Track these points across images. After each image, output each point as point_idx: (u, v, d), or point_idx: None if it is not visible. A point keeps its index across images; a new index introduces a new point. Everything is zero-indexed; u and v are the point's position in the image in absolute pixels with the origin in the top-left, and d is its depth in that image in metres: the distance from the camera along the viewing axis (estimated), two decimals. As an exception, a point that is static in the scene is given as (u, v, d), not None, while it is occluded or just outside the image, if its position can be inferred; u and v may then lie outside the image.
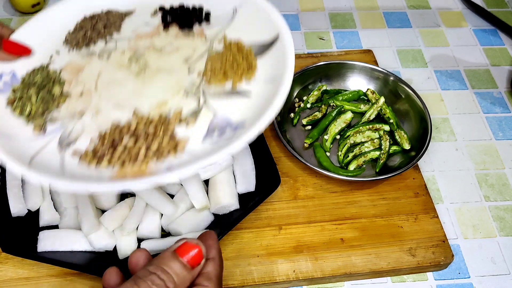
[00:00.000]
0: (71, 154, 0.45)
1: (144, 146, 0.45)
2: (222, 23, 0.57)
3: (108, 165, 0.43)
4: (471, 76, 0.75)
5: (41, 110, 0.49)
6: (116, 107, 0.49)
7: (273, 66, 0.50)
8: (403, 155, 0.61)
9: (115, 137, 0.46)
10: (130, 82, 0.52)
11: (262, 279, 0.52)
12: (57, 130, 0.48)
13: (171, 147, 0.45)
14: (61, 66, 0.54)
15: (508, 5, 0.87)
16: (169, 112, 0.48)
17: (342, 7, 0.85)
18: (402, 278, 0.55)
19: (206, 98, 0.49)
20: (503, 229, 0.58)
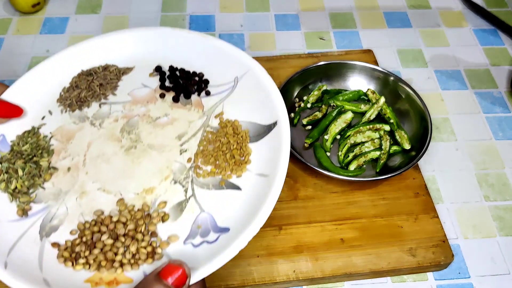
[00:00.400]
0: (50, 245, 0.45)
1: (122, 248, 0.44)
2: (221, 94, 0.55)
3: (84, 266, 0.43)
4: (471, 76, 0.75)
5: (26, 186, 0.48)
6: (102, 189, 0.48)
7: (267, 155, 0.48)
8: (403, 155, 0.61)
9: (94, 235, 0.45)
10: (119, 159, 0.50)
11: (262, 279, 0.52)
12: (40, 211, 0.47)
13: (149, 254, 0.43)
14: (52, 130, 0.53)
15: (508, 5, 0.87)
16: (155, 202, 0.47)
17: (342, 7, 0.85)
18: (402, 278, 0.55)
19: (193, 190, 0.48)
20: (503, 229, 0.58)
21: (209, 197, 0.47)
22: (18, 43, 0.76)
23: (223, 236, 0.44)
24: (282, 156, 0.46)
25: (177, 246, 0.44)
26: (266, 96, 0.52)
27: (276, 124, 0.49)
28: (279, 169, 0.45)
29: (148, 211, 0.46)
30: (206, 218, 0.46)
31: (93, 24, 0.80)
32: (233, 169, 0.48)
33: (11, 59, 0.74)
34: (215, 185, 0.48)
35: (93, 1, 0.84)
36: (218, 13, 0.83)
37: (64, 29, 0.79)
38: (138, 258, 0.43)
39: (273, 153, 0.47)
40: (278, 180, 0.45)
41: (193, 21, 0.81)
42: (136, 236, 0.44)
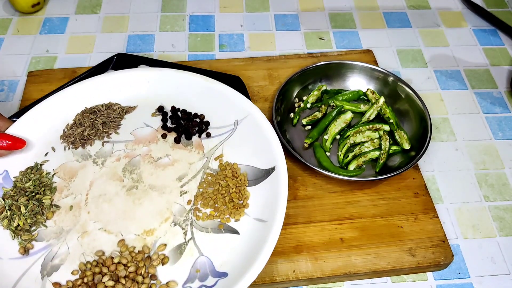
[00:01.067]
0: (52, 285, 0.45)
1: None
2: (221, 136, 0.56)
3: None
4: (471, 76, 0.75)
5: (29, 224, 0.49)
6: (103, 230, 0.49)
7: (265, 200, 0.49)
8: (403, 155, 0.61)
9: (96, 276, 0.45)
10: (120, 200, 0.51)
11: (262, 279, 0.52)
12: (42, 250, 0.47)
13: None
14: (54, 167, 0.53)
15: (508, 5, 0.87)
16: (155, 244, 0.48)
17: (342, 7, 0.85)
18: (402, 278, 0.55)
19: (193, 233, 0.48)
20: (503, 229, 0.58)
21: (208, 241, 0.48)
22: (18, 43, 0.76)
23: (221, 281, 0.44)
24: (280, 202, 0.47)
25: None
26: (265, 141, 0.53)
27: (274, 169, 0.51)
28: (277, 216, 0.46)
29: (149, 253, 0.47)
30: (204, 262, 0.46)
31: (93, 24, 0.80)
32: (231, 212, 0.50)
33: (11, 59, 0.74)
34: (214, 228, 0.49)
35: (93, 1, 0.84)
36: (218, 13, 0.83)
37: (64, 29, 0.79)
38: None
39: (271, 199, 0.49)
40: (276, 227, 0.46)
41: (193, 21, 0.81)
42: (136, 279, 0.45)
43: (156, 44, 0.77)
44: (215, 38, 0.78)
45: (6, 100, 0.68)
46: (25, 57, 0.74)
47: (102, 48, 0.76)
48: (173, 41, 0.77)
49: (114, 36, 0.78)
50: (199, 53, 0.76)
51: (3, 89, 0.70)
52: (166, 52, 0.76)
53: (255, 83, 0.69)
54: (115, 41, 0.77)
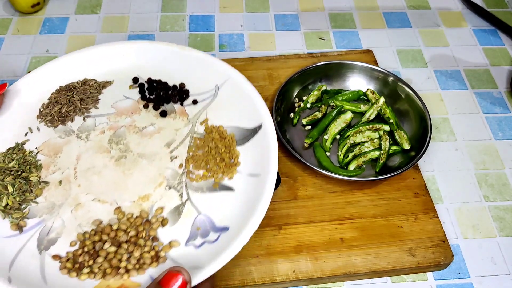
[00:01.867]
0: (51, 258, 0.44)
1: (125, 255, 0.44)
2: (204, 101, 0.56)
3: (90, 276, 0.43)
4: (471, 76, 0.75)
5: (18, 202, 0.48)
6: (97, 200, 0.48)
7: (256, 156, 0.49)
8: (403, 155, 0.61)
9: (96, 244, 0.45)
10: (110, 171, 0.50)
11: (262, 279, 0.52)
12: (36, 226, 0.46)
13: (153, 258, 0.44)
14: (37, 145, 0.52)
15: (508, 5, 0.87)
16: (152, 208, 0.47)
17: (342, 7, 0.85)
18: (402, 278, 0.55)
19: (188, 194, 0.48)
20: (503, 229, 0.58)
21: (204, 200, 0.48)
22: (17, 43, 0.76)
23: (223, 235, 0.44)
24: (272, 156, 0.47)
25: (179, 248, 0.45)
26: (248, 101, 0.53)
27: (261, 127, 0.50)
28: (270, 168, 0.46)
29: (147, 217, 0.47)
30: (204, 219, 0.46)
31: (92, 24, 0.80)
32: (224, 171, 0.49)
33: (11, 59, 0.74)
34: (208, 188, 0.49)
35: (93, 1, 0.84)
36: (218, 13, 0.83)
37: (64, 29, 0.79)
38: (143, 263, 0.43)
39: (262, 154, 0.48)
40: (270, 178, 0.46)
41: (192, 21, 0.81)
42: (138, 242, 0.45)
43: (156, 44, 0.77)
44: (215, 38, 0.78)
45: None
46: (25, 57, 0.74)
47: (102, 48, 0.76)
48: (173, 41, 0.77)
49: (114, 36, 0.78)
50: (199, 53, 0.76)
51: (3, 89, 0.70)
52: (166, 52, 0.76)
53: (255, 83, 0.69)
54: (115, 40, 0.77)
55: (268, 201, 0.44)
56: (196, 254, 0.44)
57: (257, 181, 0.47)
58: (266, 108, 0.52)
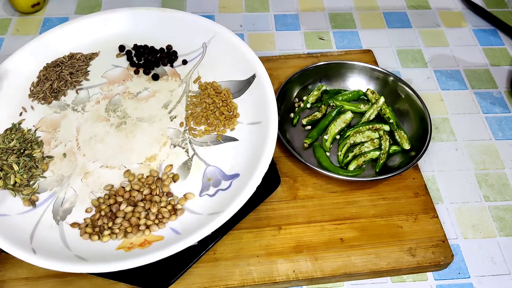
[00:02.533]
0: (69, 226, 0.45)
1: (143, 212, 0.45)
2: (193, 60, 0.56)
3: (111, 236, 0.44)
4: (471, 76, 0.75)
5: (26, 179, 0.48)
6: (105, 165, 0.49)
7: (254, 105, 0.50)
8: (403, 155, 0.61)
9: (112, 207, 0.45)
10: (112, 137, 0.51)
11: (262, 279, 0.52)
12: (48, 199, 0.47)
13: (171, 211, 0.45)
14: (34, 123, 0.52)
15: (508, 5, 0.87)
16: (160, 167, 0.48)
17: (342, 7, 0.85)
18: (402, 278, 0.55)
19: (194, 149, 0.49)
20: (503, 229, 0.58)
21: (210, 153, 0.49)
22: (17, 43, 0.76)
23: (235, 181, 0.46)
24: (270, 101, 0.48)
25: (195, 200, 0.46)
26: (238, 54, 0.53)
27: (255, 76, 0.51)
28: (271, 113, 0.48)
29: (157, 175, 0.48)
30: (213, 170, 0.48)
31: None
32: (225, 124, 0.50)
33: (11, 59, 0.74)
34: (213, 141, 0.50)
35: (93, 1, 0.84)
36: (218, 13, 0.83)
37: (64, 29, 0.79)
38: (162, 217, 0.45)
39: (259, 102, 0.50)
40: (272, 123, 0.47)
41: (192, 21, 0.81)
42: (153, 199, 0.46)
43: (156, 44, 0.77)
44: (215, 38, 0.78)
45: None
46: (25, 57, 0.74)
47: (102, 48, 0.76)
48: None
49: (114, 36, 0.78)
50: (199, 53, 0.76)
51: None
52: (166, 52, 0.76)
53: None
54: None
55: (274, 143, 0.45)
56: (212, 202, 0.45)
57: (259, 128, 0.48)
58: (256, 58, 0.52)
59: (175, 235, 0.44)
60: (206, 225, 0.42)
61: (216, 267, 0.52)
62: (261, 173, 0.44)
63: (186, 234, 0.42)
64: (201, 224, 0.42)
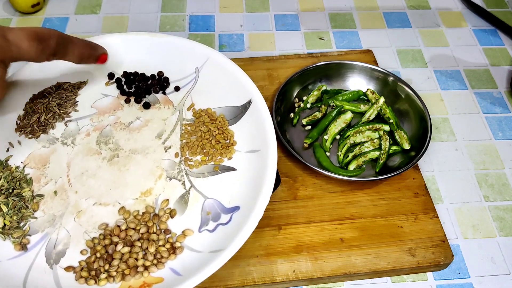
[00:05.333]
0: (64, 270, 0.43)
1: (141, 253, 0.43)
2: (186, 86, 0.54)
3: (109, 280, 0.42)
4: (471, 76, 0.75)
5: (16, 221, 0.45)
6: (98, 204, 0.46)
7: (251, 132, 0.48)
8: (403, 155, 0.61)
9: (108, 248, 0.43)
10: (104, 171, 0.48)
11: (261, 279, 0.52)
12: (40, 241, 0.44)
13: (170, 250, 0.43)
14: (22, 159, 0.50)
15: (508, 5, 0.87)
16: (157, 201, 0.46)
17: (342, 7, 0.85)
18: (402, 278, 0.55)
19: (191, 181, 0.47)
20: (503, 229, 0.58)
21: (208, 184, 0.47)
22: (17, 43, 0.76)
23: (236, 215, 0.44)
24: (267, 128, 0.46)
25: (194, 236, 0.44)
26: (233, 79, 0.51)
27: (251, 102, 0.49)
28: (269, 141, 0.45)
29: (154, 211, 0.46)
30: (212, 203, 0.46)
31: (92, 24, 0.80)
32: (222, 153, 0.48)
33: (11, 59, 0.74)
34: (210, 172, 0.48)
35: (93, 1, 0.84)
36: (218, 13, 0.83)
37: (64, 29, 0.79)
38: (161, 257, 0.43)
39: (257, 129, 0.47)
40: (271, 150, 0.45)
41: (192, 21, 0.81)
42: (151, 238, 0.44)
43: (156, 44, 0.77)
44: (215, 38, 0.78)
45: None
46: (25, 57, 0.74)
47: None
48: (173, 41, 0.77)
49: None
50: (199, 53, 0.76)
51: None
52: (166, 52, 0.76)
53: (255, 83, 0.69)
54: (115, 41, 0.77)
55: (274, 173, 0.43)
56: (212, 239, 0.43)
57: (258, 156, 0.46)
58: (252, 83, 0.50)
59: (175, 277, 0.41)
60: (208, 264, 0.40)
61: (216, 267, 0.52)
62: (263, 206, 0.42)
63: (187, 275, 0.40)
64: (202, 263, 0.40)
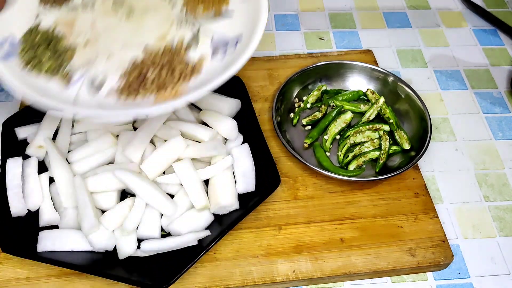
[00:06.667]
0: (106, 94, 0.49)
1: (170, 72, 0.50)
2: None
3: (146, 94, 0.49)
4: (471, 76, 0.75)
5: (58, 64, 0.52)
6: (124, 47, 0.53)
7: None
8: (403, 155, 0.61)
9: (141, 70, 0.51)
10: (124, 25, 0.54)
11: (262, 279, 0.52)
12: (81, 77, 0.51)
13: (191, 70, 0.51)
14: (51, 24, 0.55)
15: (508, 5, 0.87)
16: (173, 42, 0.53)
17: (342, 7, 0.85)
18: (402, 278, 0.55)
19: (199, 24, 0.54)
20: (503, 229, 0.58)
21: (213, 23, 0.54)
22: (17, 43, 0.76)
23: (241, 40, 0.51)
24: None
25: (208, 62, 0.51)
26: None
27: None
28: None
29: (172, 48, 0.52)
30: (219, 37, 0.53)
31: (92, 24, 0.80)
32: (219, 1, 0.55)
33: (11, 59, 0.74)
34: (211, 16, 0.54)
35: (93, 1, 0.84)
36: (218, 13, 0.83)
37: (64, 29, 0.79)
38: (185, 75, 0.49)
39: None
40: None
41: (192, 21, 0.81)
42: (174, 62, 0.50)
43: (156, 44, 0.77)
44: (215, 38, 0.78)
45: (6, 100, 0.68)
46: (25, 57, 0.74)
47: (102, 48, 0.76)
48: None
49: (114, 36, 0.78)
50: (199, 53, 0.76)
51: (3, 89, 0.70)
52: (166, 52, 0.76)
53: (255, 83, 0.69)
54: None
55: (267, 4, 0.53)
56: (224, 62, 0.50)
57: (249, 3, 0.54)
58: None
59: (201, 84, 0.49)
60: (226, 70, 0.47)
61: (216, 267, 0.52)
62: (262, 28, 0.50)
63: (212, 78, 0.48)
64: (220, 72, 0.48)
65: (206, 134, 0.57)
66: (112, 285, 0.51)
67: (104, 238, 0.51)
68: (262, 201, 0.54)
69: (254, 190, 0.56)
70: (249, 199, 0.55)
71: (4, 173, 0.55)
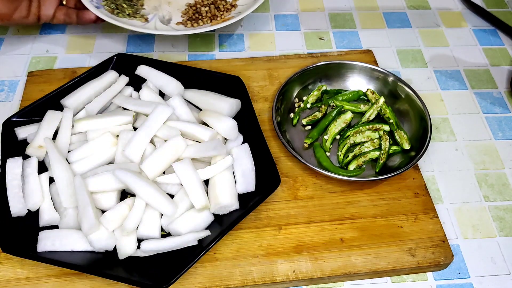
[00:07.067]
0: (175, 25, 0.74)
1: (216, 8, 0.75)
2: None
3: (204, 22, 0.74)
4: (471, 76, 0.75)
5: (135, 10, 0.74)
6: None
7: None
8: (403, 155, 0.61)
9: (195, 8, 0.76)
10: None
11: (262, 279, 0.52)
12: (153, 17, 0.74)
13: (230, 5, 0.76)
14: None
15: (508, 5, 0.87)
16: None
17: (342, 7, 0.85)
18: (402, 278, 0.55)
19: None
20: (503, 229, 0.58)
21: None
22: (18, 43, 0.76)
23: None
24: None
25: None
26: None
27: None
28: None
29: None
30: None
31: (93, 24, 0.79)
32: None
33: (11, 59, 0.74)
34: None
35: (93, 1, 0.83)
36: (218, 13, 0.82)
37: (64, 29, 0.79)
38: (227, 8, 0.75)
39: None
40: None
41: (192, 21, 0.81)
42: (217, 1, 0.76)
43: (156, 45, 0.77)
44: (215, 38, 0.78)
45: (6, 100, 0.68)
46: (25, 57, 0.74)
47: (102, 49, 0.76)
48: (173, 42, 0.77)
49: (114, 36, 0.78)
50: (199, 53, 0.76)
51: (3, 89, 0.70)
52: (166, 53, 0.76)
53: (255, 83, 0.69)
54: (115, 41, 0.77)
55: None
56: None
57: None
58: None
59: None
60: (255, 3, 0.72)
61: (216, 267, 0.52)
62: None
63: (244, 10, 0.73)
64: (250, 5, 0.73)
65: (206, 134, 0.57)
66: (112, 285, 0.51)
67: (104, 238, 0.51)
68: (262, 201, 0.54)
69: (254, 190, 0.56)
70: (249, 199, 0.55)
71: (4, 173, 0.55)
